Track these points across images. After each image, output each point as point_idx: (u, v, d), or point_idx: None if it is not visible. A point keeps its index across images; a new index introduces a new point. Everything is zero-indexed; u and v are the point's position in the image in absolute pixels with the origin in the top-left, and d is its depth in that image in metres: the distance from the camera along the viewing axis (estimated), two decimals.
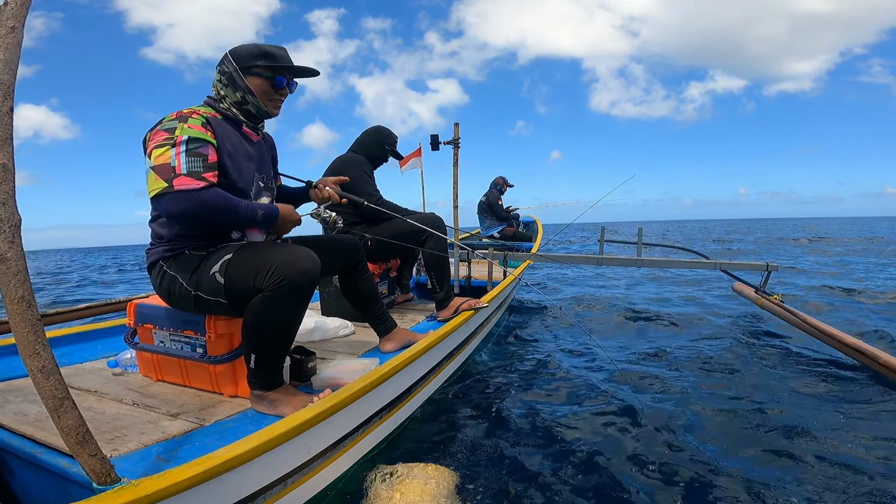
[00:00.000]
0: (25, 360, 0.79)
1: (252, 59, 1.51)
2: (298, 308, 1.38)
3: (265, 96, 1.55)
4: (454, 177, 2.87)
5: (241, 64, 1.51)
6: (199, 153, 1.34)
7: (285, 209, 1.55)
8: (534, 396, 2.35)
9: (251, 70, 1.51)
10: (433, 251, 2.44)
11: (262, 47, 1.53)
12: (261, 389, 1.42)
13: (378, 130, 2.76)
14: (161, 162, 1.31)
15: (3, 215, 0.77)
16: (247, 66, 1.51)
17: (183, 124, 1.37)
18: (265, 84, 1.53)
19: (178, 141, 1.33)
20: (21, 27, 0.78)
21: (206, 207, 1.32)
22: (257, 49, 1.52)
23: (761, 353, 2.99)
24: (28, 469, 1.17)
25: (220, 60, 1.55)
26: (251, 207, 1.43)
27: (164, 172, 1.30)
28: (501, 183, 6.86)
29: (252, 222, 1.45)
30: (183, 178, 1.30)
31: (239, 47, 1.54)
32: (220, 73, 1.54)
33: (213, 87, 1.56)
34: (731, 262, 4.06)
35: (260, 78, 1.52)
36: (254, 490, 1.11)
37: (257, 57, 1.51)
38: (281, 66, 1.54)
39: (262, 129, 1.67)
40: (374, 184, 2.64)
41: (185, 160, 1.32)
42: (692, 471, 1.62)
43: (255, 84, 1.52)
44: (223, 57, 1.55)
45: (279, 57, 1.54)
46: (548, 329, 3.79)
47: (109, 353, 1.99)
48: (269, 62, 1.52)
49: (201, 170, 1.33)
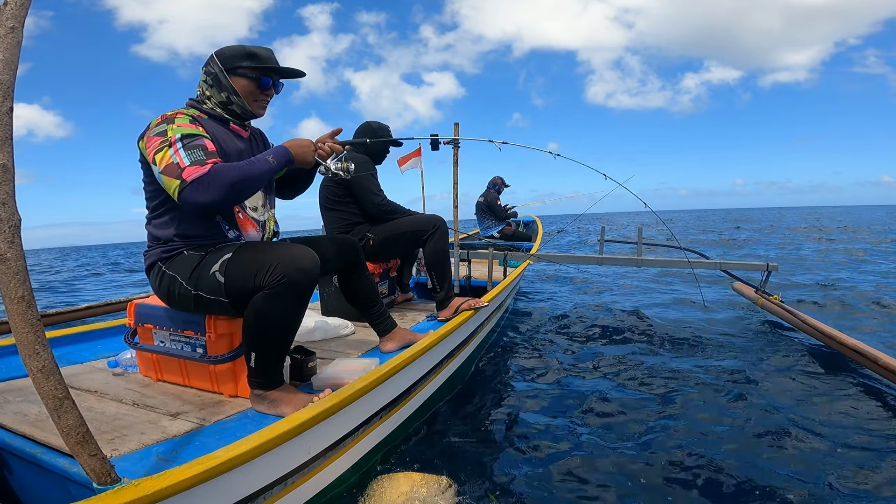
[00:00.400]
0: (25, 361, 0.79)
1: (237, 59, 1.52)
2: (298, 306, 1.38)
3: (250, 97, 1.55)
4: (454, 177, 2.87)
5: (226, 65, 1.52)
6: (196, 145, 1.34)
7: (290, 142, 1.54)
8: (534, 397, 2.35)
9: (236, 71, 1.52)
10: (434, 251, 2.45)
11: (247, 48, 1.54)
12: (261, 389, 1.42)
13: (369, 127, 2.76)
14: (166, 163, 1.31)
15: (3, 215, 0.77)
16: (232, 66, 1.52)
17: (171, 125, 1.37)
18: (251, 85, 1.54)
19: (173, 140, 1.33)
20: (21, 27, 0.78)
21: (223, 184, 1.30)
22: (242, 50, 1.53)
23: (760, 354, 2.99)
24: (28, 469, 1.17)
25: (206, 61, 1.56)
26: (260, 159, 1.42)
27: (172, 171, 1.30)
28: (499, 183, 6.86)
29: (271, 170, 1.42)
30: (189, 168, 1.30)
31: (224, 48, 1.55)
32: (206, 73, 1.55)
33: (198, 88, 1.57)
34: (732, 262, 4.07)
35: (245, 79, 1.53)
36: (254, 490, 1.11)
37: (242, 58, 1.52)
38: (266, 66, 1.54)
39: (250, 126, 1.67)
40: (378, 183, 2.65)
41: (186, 154, 1.32)
42: (699, 478, 1.62)
43: (241, 84, 1.53)
44: (209, 58, 1.56)
45: (264, 58, 1.55)
46: (548, 329, 3.79)
47: (109, 353, 1.98)
48: (255, 63, 1.53)
49: (204, 157, 1.33)
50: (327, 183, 2.66)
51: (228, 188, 1.31)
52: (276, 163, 1.44)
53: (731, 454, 1.74)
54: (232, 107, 1.55)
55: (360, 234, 2.57)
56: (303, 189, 1.87)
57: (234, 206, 1.50)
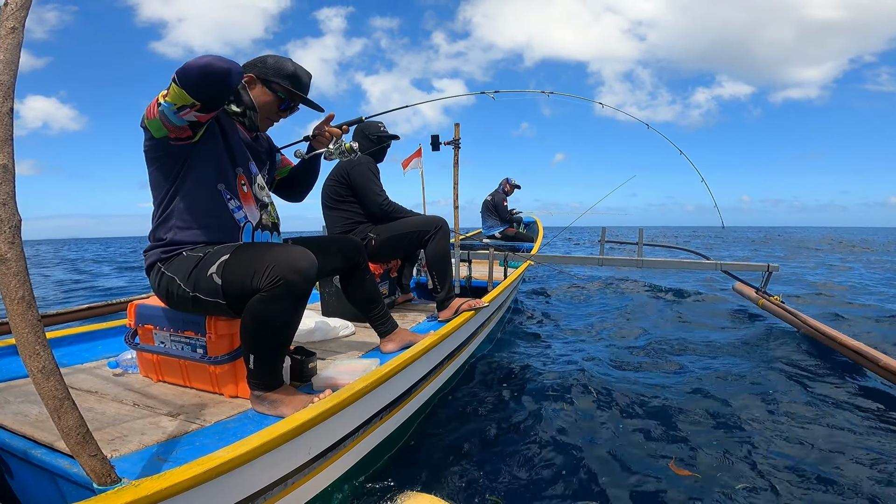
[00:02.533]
0: (25, 361, 0.79)
1: (280, 74, 1.53)
2: (296, 308, 1.37)
3: (269, 110, 1.57)
4: (454, 177, 2.87)
5: (266, 74, 1.52)
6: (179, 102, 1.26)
7: None
8: (535, 397, 2.35)
9: (272, 84, 1.53)
10: (436, 251, 2.45)
11: (295, 67, 1.55)
12: (261, 390, 1.42)
13: (364, 128, 2.77)
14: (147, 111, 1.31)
15: (4, 216, 0.77)
16: (271, 78, 1.52)
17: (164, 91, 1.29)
18: (275, 102, 1.56)
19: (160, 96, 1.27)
20: (21, 28, 0.78)
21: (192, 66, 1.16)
22: (291, 66, 1.54)
23: (760, 355, 2.99)
24: (28, 469, 1.16)
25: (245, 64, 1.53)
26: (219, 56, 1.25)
27: (150, 108, 1.29)
28: (509, 185, 6.88)
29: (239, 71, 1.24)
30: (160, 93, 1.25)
31: (269, 57, 1.55)
32: None
33: None
34: (732, 263, 4.06)
35: (275, 95, 1.54)
36: (254, 491, 1.11)
37: (286, 76, 1.53)
38: (299, 94, 1.56)
39: None
40: (380, 183, 2.65)
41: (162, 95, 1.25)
42: (699, 478, 1.62)
43: (267, 97, 1.54)
44: (254, 59, 1.55)
45: (303, 85, 1.57)
46: (548, 329, 3.79)
47: (110, 353, 1.98)
48: (292, 86, 1.54)
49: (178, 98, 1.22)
50: (330, 182, 2.66)
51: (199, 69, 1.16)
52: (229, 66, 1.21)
53: (731, 454, 1.74)
54: (243, 119, 1.57)
55: (363, 233, 2.57)
56: (309, 184, 1.86)
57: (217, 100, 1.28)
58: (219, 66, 1.18)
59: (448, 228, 2.52)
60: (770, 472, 1.61)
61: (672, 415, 2.09)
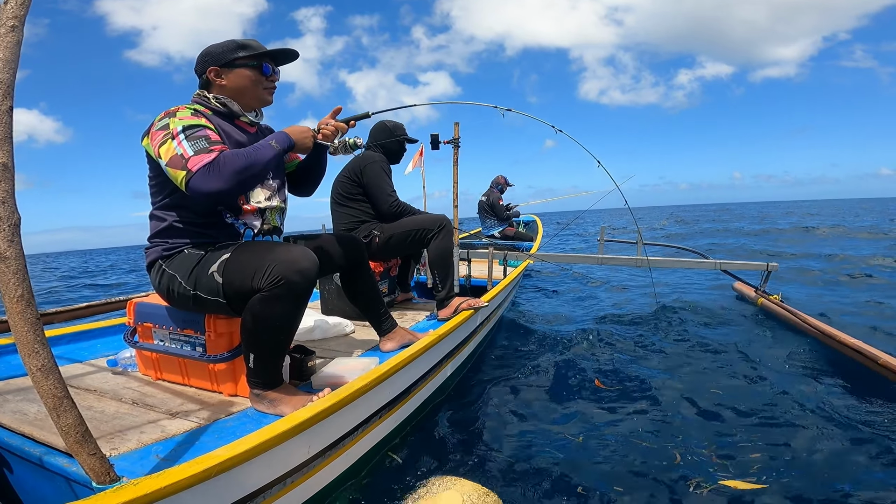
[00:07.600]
0: (25, 359, 0.79)
1: (231, 52, 1.51)
2: (296, 308, 1.37)
3: (258, 85, 1.55)
4: (454, 177, 2.86)
5: (220, 60, 1.50)
6: (199, 135, 1.34)
7: (291, 128, 1.55)
8: (535, 396, 2.35)
9: (234, 63, 1.51)
10: (438, 249, 2.44)
11: (236, 41, 1.53)
12: (260, 388, 1.42)
13: (385, 126, 2.76)
14: (171, 155, 1.32)
15: (3, 214, 0.77)
16: (228, 60, 1.51)
17: (173, 118, 1.37)
18: (254, 73, 1.54)
19: (175, 133, 1.34)
20: (21, 26, 0.78)
21: (231, 171, 1.31)
22: (233, 43, 1.52)
23: (759, 354, 2.99)
24: (27, 468, 1.16)
25: (195, 63, 1.55)
26: (263, 145, 1.42)
27: (177, 163, 1.30)
28: (502, 182, 6.86)
29: (277, 154, 1.44)
30: (194, 158, 1.30)
31: (211, 47, 1.54)
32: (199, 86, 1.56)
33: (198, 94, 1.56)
34: (732, 262, 4.07)
35: (247, 68, 1.52)
36: (253, 489, 1.11)
37: (236, 50, 1.51)
38: (262, 52, 1.54)
39: (261, 121, 1.66)
40: (391, 183, 2.63)
41: (189, 144, 1.32)
42: (700, 479, 1.62)
43: (244, 75, 1.52)
44: (197, 59, 1.54)
45: (256, 46, 1.54)
46: (548, 328, 3.79)
47: (109, 351, 1.98)
48: (250, 51, 1.52)
49: (208, 145, 1.33)
50: (341, 179, 2.65)
51: (236, 175, 1.31)
52: (279, 147, 1.44)
53: (731, 455, 1.74)
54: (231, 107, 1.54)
55: (367, 231, 2.56)
56: (317, 179, 1.83)
57: (241, 194, 1.49)
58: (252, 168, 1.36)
59: (451, 227, 2.51)
60: (769, 471, 1.62)
61: (672, 412, 2.09)
